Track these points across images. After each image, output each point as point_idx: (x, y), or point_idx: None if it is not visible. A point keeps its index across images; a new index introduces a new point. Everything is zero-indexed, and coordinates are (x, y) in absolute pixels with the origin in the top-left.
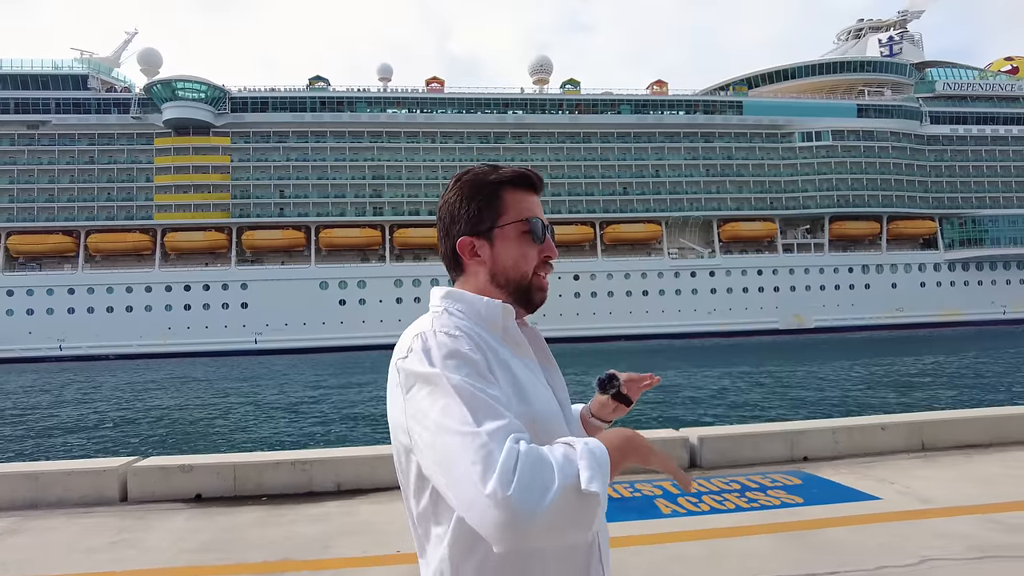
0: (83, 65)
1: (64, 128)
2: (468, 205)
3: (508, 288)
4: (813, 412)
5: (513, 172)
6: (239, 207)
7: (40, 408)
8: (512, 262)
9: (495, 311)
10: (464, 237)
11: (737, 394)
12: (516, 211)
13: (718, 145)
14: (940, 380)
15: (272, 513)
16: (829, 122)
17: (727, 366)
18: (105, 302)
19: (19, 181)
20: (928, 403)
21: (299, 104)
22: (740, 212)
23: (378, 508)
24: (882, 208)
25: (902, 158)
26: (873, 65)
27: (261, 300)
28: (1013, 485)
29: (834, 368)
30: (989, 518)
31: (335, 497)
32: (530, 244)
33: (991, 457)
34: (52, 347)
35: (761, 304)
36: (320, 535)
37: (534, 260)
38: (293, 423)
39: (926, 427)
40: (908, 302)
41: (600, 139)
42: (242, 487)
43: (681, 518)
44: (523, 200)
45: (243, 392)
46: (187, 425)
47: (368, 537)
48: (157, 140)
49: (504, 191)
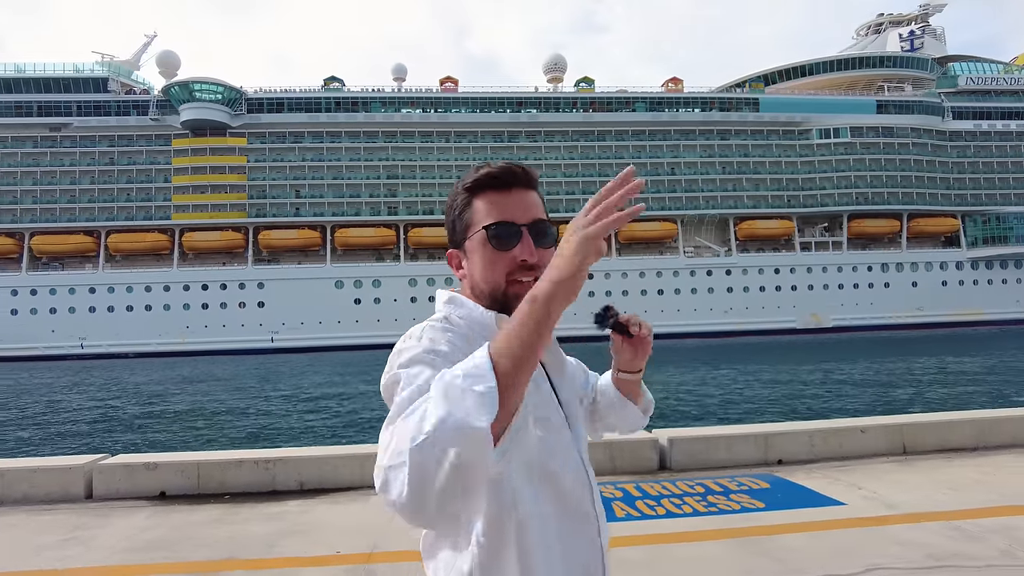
0: (103, 68)
1: (85, 130)
2: (450, 216)
3: (484, 300)
4: (817, 413)
5: (485, 174)
6: (255, 207)
7: (63, 404)
8: (480, 273)
9: (489, 320)
10: (450, 250)
11: (751, 391)
12: (482, 218)
13: (734, 143)
14: (962, 379)
15: (230, 512)
16: (847, 119)
17: (743, 365)
18: (125, 301)
19: (42, 182)
20: (952, 403)
21: (314, 104)
22: (757, 210)
23: (336, 508)
24: (902, 205)
25: (923, 154)
26: (893, 60)
27: (277, 299)
28: (985, 492)
29: (851, 367)
30: (953, 525)
31: (297, 496)
32: (494, 251)
33: (972, 461)
34: (74, 345)
35: (778, 303)
36: (269, 534)
37: (504, 268)
38: (306, 419)
39: (907, 430)
40: (929, 301)
41: (615, 137)
42: (206, 485)
43: (634, 522)
44: (496, 203)
45: (261, 390)
46: (204, 421)
47: (316, 537)
48: (175, 141)
49: (476, 197)
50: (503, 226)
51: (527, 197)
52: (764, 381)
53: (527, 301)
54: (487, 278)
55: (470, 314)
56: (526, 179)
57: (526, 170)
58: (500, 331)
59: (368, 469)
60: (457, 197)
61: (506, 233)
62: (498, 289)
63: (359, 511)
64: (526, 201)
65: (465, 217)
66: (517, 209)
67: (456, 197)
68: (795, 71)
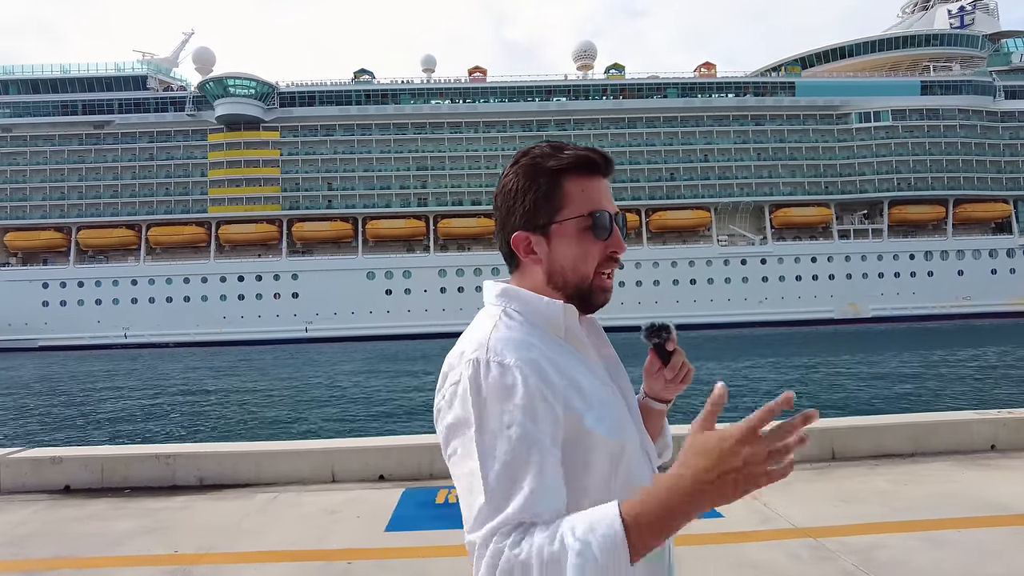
0: (143, 66)
1: (126, 127)
2: (523, 196)
3: (566, 290)
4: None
5: (576, 156)
6: (289, 200)
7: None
8: (571, 262)
9: (556, 312)
10: (519, 232)
11: (774, 386)
12: (578, 203)
13: (769, 128)
14: (1013, 373)
15: (116, 507)
16: (889, 101)
17: (778, 357)
18: (165, 293)
19: (87, 179)
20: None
21: (345, 98)
22: (793, 197)
23: (219, 505)
24: (948, 191)
25: (971, 136)
26: (940, 38)
27: (311, 290)
28: (880, 504)
29: (890, 360)
30: (816, 543)
31: (195, 491)
32: (592, 241)
33: (898, 469)
34: (118, 335)
35: (815, 293)
36: (128, 532)
37: (596, 258)
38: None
39: (836, 435)
40: (977, 290)
41: (646, 124)
42: (109, 479)
43: None
44: (587, 189)
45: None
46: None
47: (170, 535)
48: (210, 136)
49: (565, 179)
50: (605, 215)
51: (609, 186)
52: (752, 378)
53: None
54: (579, 267)
55: (531, 307)
56: (610, 168)
57: (612, 158)
58: (646, 496)
59: (265, 467)
60: (539, 175)
61: (609, 222)
62: (586, 280)
63: (233, 509)
64: (609, 191)
65: (555, 199)
66: (607, 199)
67: (537, 175)
68: (834, 53)
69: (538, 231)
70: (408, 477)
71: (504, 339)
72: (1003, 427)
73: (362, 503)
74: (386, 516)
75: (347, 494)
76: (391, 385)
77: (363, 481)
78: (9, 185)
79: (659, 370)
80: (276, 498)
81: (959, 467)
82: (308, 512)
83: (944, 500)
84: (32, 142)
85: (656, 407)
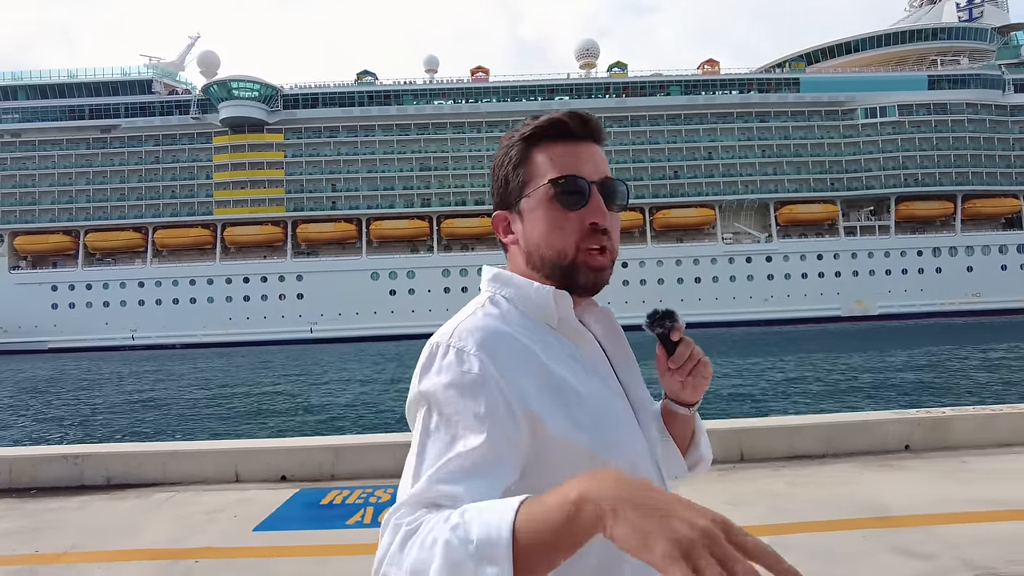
0: (150, 70)
1: (132, 131)
2: (497, 174)
3: (545, 270)
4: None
5: (545, 120)
6: (293, 201)
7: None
8: (542, 237)
9: (546, 299)
10: (497, 212)
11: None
12: (546, 172)
13: (774, 125)
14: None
15: (10, 507)
16: (896, 96)
17: (783, 355)
18: (171, 294)
19: (95, 182)
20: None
21: (348, 99)
22: (798, 194)
23: (114, 505)
24: (956, 186)
25: (980, 131)
26: (948, 32)
27: (316, 291)
28: (767, 507)
29: (896, 356)
30: None
31: (101, 491)
32: (561, 211)
33: (804, 471)
34: (126, 336)
35: (821, 290)
36: (3, 532)
37: (574, 232)
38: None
39: (744, 436)
40: (986, 286)
41: (649, 122)
42: (18, 480)
43: (339, 531)
44: (558, 155)
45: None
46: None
47: (46, 536)
48: (215, 139)
49: (535, 148)
50: (573, 180)
51: (596, 151)
52: (758, 377)
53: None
54: (553, 242)
55: (521, 293)
56: (595, 131)
57: (592, 120)
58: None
59: (171, 467)
60: (511, 149)
61: (574, 189)
62: (565, 257)
63: (125, 509)
64: (595, 156)
65: (522, 171)
66: (586, 164)
67: (510, 149)
68: (839, 48)
69: (512, 209)
70: (309, 478)
71: (475, 327)
72: (918, 427)
73: (250, 503)
74: (263, 516)
75: (241, 494)
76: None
77: (265, 481)
78: (19, 189)
79: (669, 368)
80: (172, 497)
81: (863, 468)
82: (192, 512)
83: (830, 503)
84: (41, 147)
85: (679, 411)
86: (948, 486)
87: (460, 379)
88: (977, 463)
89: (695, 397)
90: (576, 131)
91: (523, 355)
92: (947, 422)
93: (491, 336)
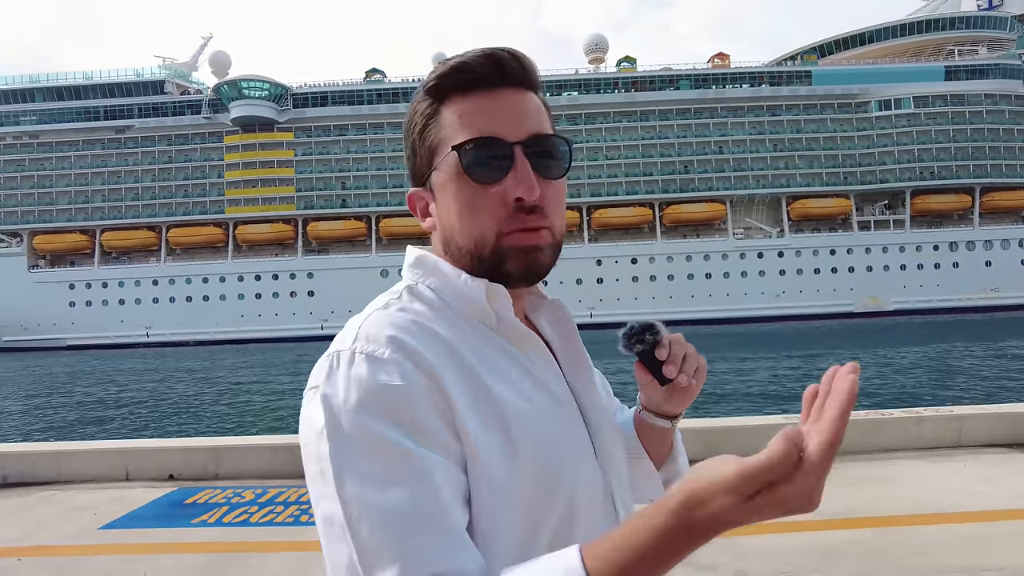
0: (163, 71)
1: (145, 131)
2: (405, 141)
3: (464, 260)
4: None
5: (447, 66)
6: (304, 199)
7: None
8: (455, 221)
9: (476, 294)
10: (412, 190)
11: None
12: (449, 135)
13: (785, 118)
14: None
15: None
16: (911, 88)
17: (792, 351)
18: (185, 292)
19: (109, 182)
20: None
21: (357, 97)
22: (811, 188)
23: None
24: (974, 179)
25: (999, 122)
26: (966, 21)
27: (326, 288)
28: None
29: (908, 353)
30: None
31: None
32: (474, 187)
33: None
34: (140, 334)
35: (834, 286)
36: None
37: (494, 212)
38: None
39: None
40: (1006, 281)
41: (658, 117)
42: None
43: (199, 528)
44: (467, 112)
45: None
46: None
47: None
48: (226, 138)
49: (442, 105)
50: (485, 144)
51: (522, 100)
52: (769, 374)
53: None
54: (466, 227)
55: (449, 283)
56: (518, 72)
57: (518, 58)
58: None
59: (64, 465)
60: (417, 108)
61: (488, 156)
62: (485, 245)
63: (10, 506)
64: (520, 106)
65: (430, 136)
66: (505, 118)
67: (415, 108)
68: (854, 40)
69: (426, 185)
70: (195, 477)
71: (388, 323)
72: None
73: (120, 501)
74: (119, 514)
75: (120, 492)
76: None
77: (154, 480)
78: (37, 190)
79: (653, 381)
80: (52, 496)
81: None
82: (57, 510)
83: None
84: (58, 148)
85: (659, 424)
86: None
87: (377, 396)
88: (857, 469)
89: (680, 408)
90: (488, 77)
91: (452, 361)
92: None
93: (410, 335)
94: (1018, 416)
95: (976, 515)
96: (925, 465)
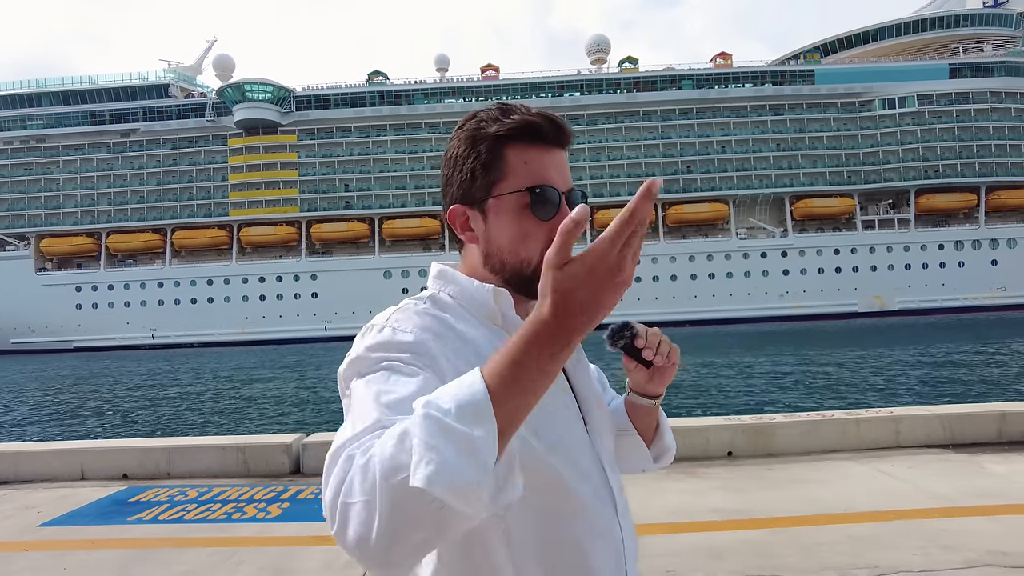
0: (167, 75)
1: (150, 134)
2: (462, 165)
3: (504, 275)
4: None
5: (521, 121)
6: (307, 202)
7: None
8: (508, 243)
9: (485, 296)
10: (456, 205)
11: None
12: (519, 176)
13: (788, 118)
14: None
15: None
16: (915, 86)
17: (799, 352)
18: (190, 294)
19: (115, 185)
20: None
21: (359, 99)
22: (814, 188)
23: None
24: (980, 177)
25: (1005, 120)
26: (971, 18)
27: (330, 290)
28: None
29: (912, 353)
30: None
31: None
32: (534, 221)
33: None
34: (146, 336)
35: (838, 286)
36: None
37: (540, 242)
38: None
39: None
40: (1012, 280)
41: (660, 117)
42: None
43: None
44: (532, 160)
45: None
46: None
47: None
48: (230, 141)
49: (506, 148)
50: (549, 192)
51: (565, 159)
52: (771, 374)
53: (541, 320)
54: (518, 251)
55: (464, 291)
56: (567, 138)
57: (567, 126)
58: (499, 354)
59: (22, 465)
60: (480, 143)
61: (547, 200)
62: (528, 266)
63: None
64: (565, 164)
65: (493, 169)
66: (559, 173)
67: (477, 142)
68: (857, 38)
69: (475, 206)
70: (148, 476)
71: (412, 314)
72: (741, 433)
73: (67, 500)
74: (62, 512)
75: (70, 491)
76: None
77: (109, 479)
78: (44, 193)
79: (638, 366)
80: (5, 495)
81: (667, 478)
82: (4, 510)
83: None
84: (64, 151)
85: (643, 403)
86: (713, 496)
87: (393, 339)
88: (785, 470)
89: (660, 389)
90: (549, 136)
91: (463, 348)
92: (771, 428)
93: (429, 324)
94: (955, 417)
95: (873, 515)
96: (855, 466)
